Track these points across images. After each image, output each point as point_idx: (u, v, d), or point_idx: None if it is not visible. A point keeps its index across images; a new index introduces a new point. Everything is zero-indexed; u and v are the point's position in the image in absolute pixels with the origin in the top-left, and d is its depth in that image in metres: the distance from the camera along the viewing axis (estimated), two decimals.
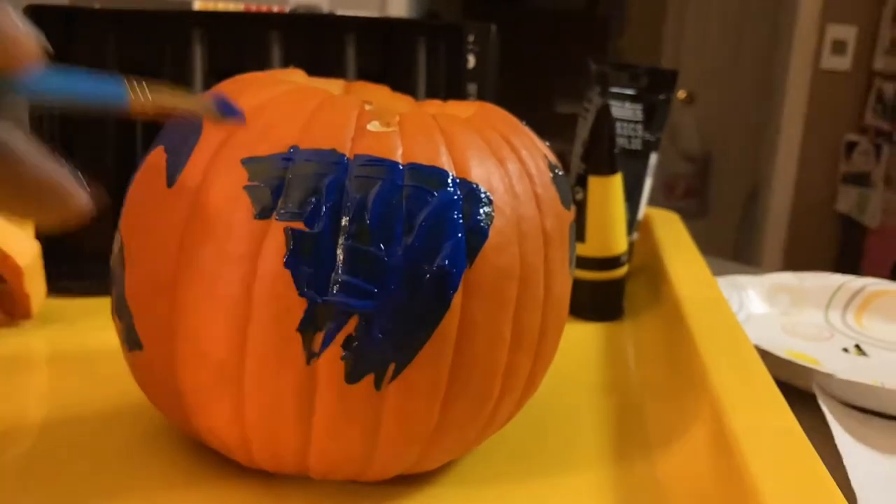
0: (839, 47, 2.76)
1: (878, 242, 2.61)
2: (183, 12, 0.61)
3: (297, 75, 0.40)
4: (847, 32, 2.75)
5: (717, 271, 0.71)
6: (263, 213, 0.29)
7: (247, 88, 0.34)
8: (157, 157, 0.33)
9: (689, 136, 3.29)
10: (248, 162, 0.30)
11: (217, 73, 0.60)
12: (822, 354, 0.58)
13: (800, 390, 0.51)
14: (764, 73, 3.10)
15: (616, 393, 0.48)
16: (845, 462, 0.43)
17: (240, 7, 0.78)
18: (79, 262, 0.57)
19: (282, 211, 0.29)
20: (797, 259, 2.90)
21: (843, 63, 2.78)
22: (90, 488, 0.35)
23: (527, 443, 0.41)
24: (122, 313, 0.33)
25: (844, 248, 2.88)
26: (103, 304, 0.47)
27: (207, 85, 0.60)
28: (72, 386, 0.44)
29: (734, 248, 3.23)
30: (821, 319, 0.66)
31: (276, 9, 0.74)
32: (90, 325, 0.52)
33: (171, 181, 0.31)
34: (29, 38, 0.20)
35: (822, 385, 0.50)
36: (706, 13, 3.24)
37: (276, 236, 0.29)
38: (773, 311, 0.67)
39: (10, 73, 0.20)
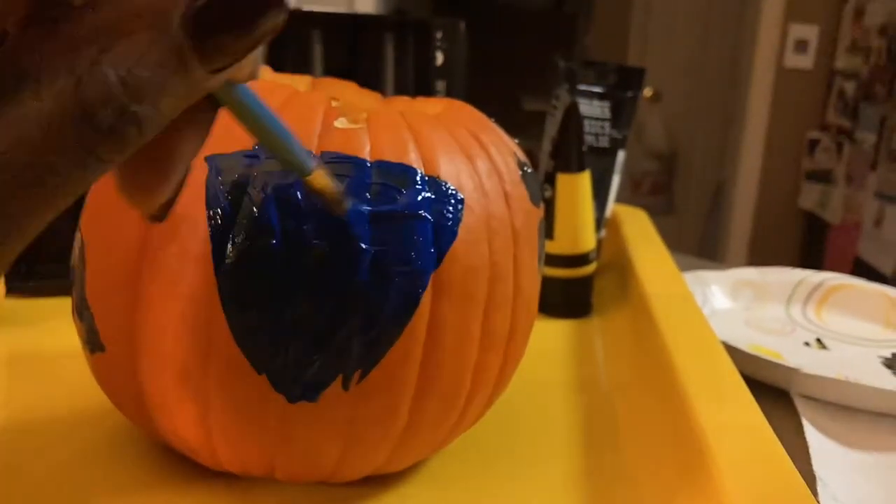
0: (801, 46, 2.81)
1: (839, 238, 2.66)
2: None
3: (262, 71, 0.40)
4: (809, 32, 2.79)
5: (683, 267, 0.72)
6: None
7: None
8: None
9: (655, 133, 3.32)
10: (212, 159, 0.29)
11: None
12: (785, 348, 0.59)
13: (769, 384, 0.52)
14: (728, 72, 3.14)
15: (585, 389, 0.48)
16: (812, 454, 0.43)
17: None
18: (38, 261, 0.56)
19: None
20: (761, 255, 2.94)
21: (806, 62, 2.82)
22: (52, 494, 0.34)
23: (497, 441, 0.41)
24: (83, 314, 0.32)
25: (807, 243, 2.93)
26: (64, 305, 0.46)
27: None
28: (32, 389, 0.43)
29: (700, 245, 3.27)
30: (782, 314, 0.67)
31: None
32: (50, 326, 0.51)
33: None
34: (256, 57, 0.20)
35: (787, 380, 0.51)
36: (671, 12, 3.28)
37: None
38: (736, 305, 0.68)
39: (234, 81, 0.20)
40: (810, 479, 0.41)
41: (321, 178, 0.26)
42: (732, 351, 0.52)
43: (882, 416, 0.49)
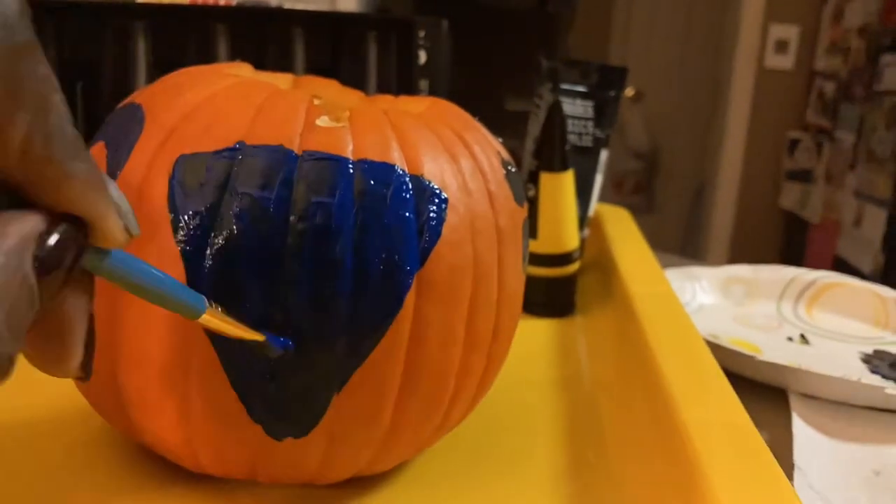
0: (782, 46, 2.83)
1: (819, 237, 2.68)
2: (125, 4, 0.60)
3: (243, 69, 0.39)
4: (789, 32, 2.82)
5: (666, 266, 0.72)
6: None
7: (192, 82, 0.33)
8: (97, 153, 0.32)
9: (637, 133, 3.33)
10: (192, 158, 0.29)
11: (161, 68, 0.58)
12: (767, 343, 0.60)
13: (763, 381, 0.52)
14: (709, 72, 3.16)
15: (569, 388, 0.48)
16: (795, 445, 0.44)
17: None
18: None
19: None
20: (742, 254, 2.96)
21: (786, 62, 2.84)
22: (31, 497, 0.33)
23: (481, 441, 0.41)
24: None
25: (788, 242, 2.96)
26: None
27: (150, 79, 0.58)
28: (9, 392, 0.42)
29: (681, 243, 3.29)
30: (773, 310, 0.68)
31: (222, 1, 0.73)
32: None
33: (111, 177, 0.30)
34: (126, 221, 0.21)
35: (746, 368, 0.52)
36: (653, 12, 3.29)
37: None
38: (726, 301, 0.68)
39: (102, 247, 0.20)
40: (788, 468, 0.41)
41: (214, 320, 0.25)
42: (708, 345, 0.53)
43: (867, 408, 0.50)
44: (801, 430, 0.46)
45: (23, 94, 0.16)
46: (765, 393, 0.51)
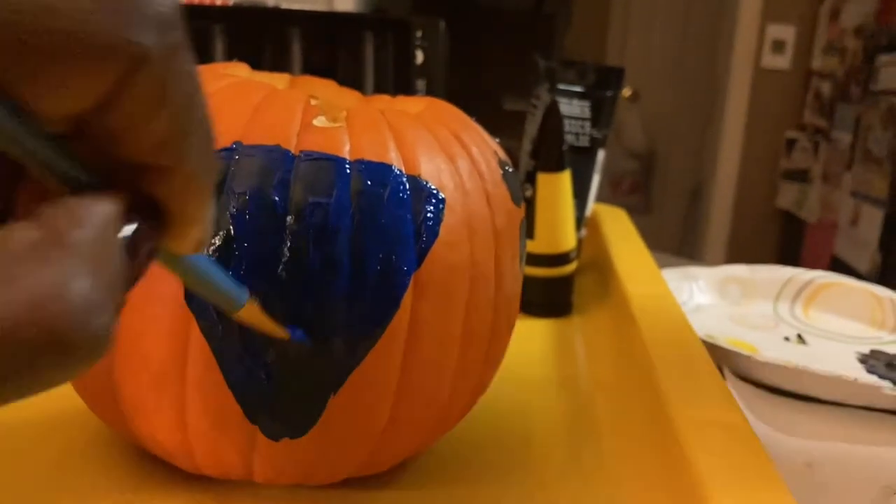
0: (779, 47, 2.83)
1: (816, 237, 2.68)
2: None
3: (240, 69, 0.39)
4: (786, 32, 2.82)
5: (663, 266, 0.72)
6: None
7: None
8: None
9: (634, 133, 3.33)
10: None
11: None
12: (763, 342, 0.60)
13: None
14: (706, 72, 3.16)
15: (566, 388, 0.48)
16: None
17: None
18: None
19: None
20: (740, 254, 2.96)
21: (783, 62, 2.84)
22: (27, 498, 0.33)
23: (478, 441, 0.41)
24: None
25: (785, 242, 2.96)
26: None
27: None
28: None
29: (678, 244, 3.29)
30: (769, 310, 0.68)
31: (218, 1, 0.73)
32: None
33: None
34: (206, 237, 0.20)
35: (744, 368, 0.52)
36: (650, 12, 3.29)
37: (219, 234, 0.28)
38: (723, 301, 0.69)
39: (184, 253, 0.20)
40: None
41: (253, 313, 0.25)
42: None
43: (802, 399, 0.50)
44: (762, 429, 0.46)
45: (171, 91, 0.16)
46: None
